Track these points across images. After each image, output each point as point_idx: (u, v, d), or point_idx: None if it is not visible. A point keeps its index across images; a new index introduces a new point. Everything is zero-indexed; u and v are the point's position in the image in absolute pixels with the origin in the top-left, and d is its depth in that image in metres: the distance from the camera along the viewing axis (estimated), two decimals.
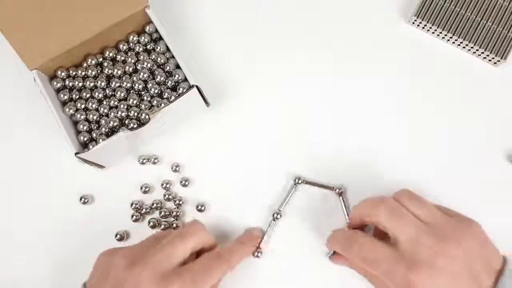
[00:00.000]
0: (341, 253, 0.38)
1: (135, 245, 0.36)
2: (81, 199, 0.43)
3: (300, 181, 0.43)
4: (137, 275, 0.33)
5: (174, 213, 0.43)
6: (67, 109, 0.42)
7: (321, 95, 0.45)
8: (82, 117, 0.42)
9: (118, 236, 0.42)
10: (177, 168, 0.44)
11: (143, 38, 0.44)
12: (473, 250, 0.32)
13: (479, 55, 0.46)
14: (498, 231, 0.35)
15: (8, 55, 0.41)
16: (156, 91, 0.43)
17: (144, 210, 0.43)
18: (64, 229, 0.43)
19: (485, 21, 0.45)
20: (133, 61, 0.44)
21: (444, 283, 0.31)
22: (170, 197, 0.43)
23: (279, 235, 0.42)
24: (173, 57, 0.44)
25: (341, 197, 0.42)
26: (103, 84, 0.43)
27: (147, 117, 0.41)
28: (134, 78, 0.43)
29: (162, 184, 0.43)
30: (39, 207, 0.43)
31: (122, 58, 0.44)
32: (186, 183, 0.43)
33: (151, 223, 0.42)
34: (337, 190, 0.42)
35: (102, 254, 0.36)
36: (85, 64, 0.44)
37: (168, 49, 0.44)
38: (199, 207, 0.43)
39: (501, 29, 0.45)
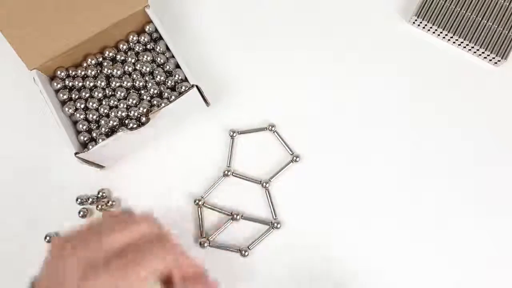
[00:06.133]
0: None
1: (91, 245, 0.28)
2: (77, 199, 0.43)
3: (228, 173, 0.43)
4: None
5: None
6: (66, 109, 0.42)
7: (321, 95, 0.45)
8: (82, 116, 0.42)
9: None
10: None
11: (143, 37, 0.44)
12: None
13: (480, 55, 0.46)
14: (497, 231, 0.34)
15: (8, 55, 0.40)
16: (156, 91, 0.43)
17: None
18: (64, 229, 0.43)
19: (485, 21, 0.45)
20: (133, 60, 0.44)
21: None
22: None
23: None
24: (173, 56, 0.44)
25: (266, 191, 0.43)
26: (103, 84, 0.43)
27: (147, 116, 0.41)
28: (134, 78, 0.43)
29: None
30: (39, 207, 0.43)
31: (122, 58, 0.44)
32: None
33: None
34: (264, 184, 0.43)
35: (53, 254, 0.29)
36: (85, 64, 0.44)
37: (168, 48, 0.44)
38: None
39: (501, 29, 0.45)
